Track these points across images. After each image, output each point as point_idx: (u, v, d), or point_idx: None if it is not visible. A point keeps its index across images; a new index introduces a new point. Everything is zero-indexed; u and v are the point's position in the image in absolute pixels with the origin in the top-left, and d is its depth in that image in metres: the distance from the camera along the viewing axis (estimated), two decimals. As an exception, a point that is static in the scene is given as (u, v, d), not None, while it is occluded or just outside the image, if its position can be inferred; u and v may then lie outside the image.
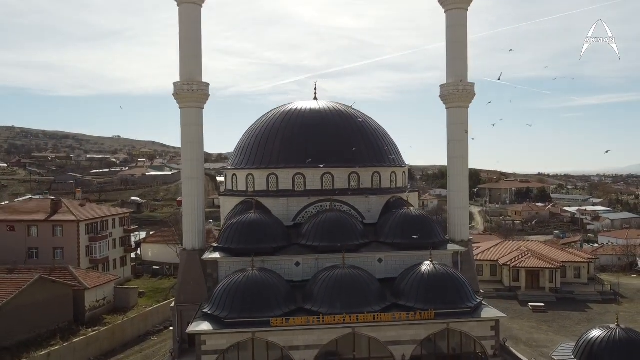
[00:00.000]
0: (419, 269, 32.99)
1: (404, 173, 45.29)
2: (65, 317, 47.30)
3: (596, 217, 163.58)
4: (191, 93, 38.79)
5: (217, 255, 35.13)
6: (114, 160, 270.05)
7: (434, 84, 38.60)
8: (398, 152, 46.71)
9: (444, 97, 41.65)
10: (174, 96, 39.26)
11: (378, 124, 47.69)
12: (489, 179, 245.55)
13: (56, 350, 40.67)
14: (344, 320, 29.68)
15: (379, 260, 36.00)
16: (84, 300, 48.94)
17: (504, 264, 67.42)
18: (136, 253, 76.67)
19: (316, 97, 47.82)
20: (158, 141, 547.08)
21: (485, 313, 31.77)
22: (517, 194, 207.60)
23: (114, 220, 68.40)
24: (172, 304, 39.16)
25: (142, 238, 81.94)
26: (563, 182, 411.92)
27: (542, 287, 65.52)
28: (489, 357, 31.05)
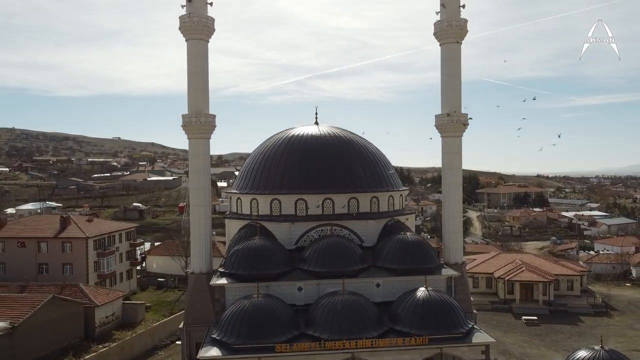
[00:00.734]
0: (415, 295, 35.02)
1: (401, 195, 47.31)
2: (76, 334, 49.29)
3: (593, 223, 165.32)
4: (199, 125, 40.84)
5: (224, 281, 37.15)
6: (115, 164, 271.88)
7: (434, 84, 40.99)
8: (395, 175, 48.87)
9: (438, 127, 43.70)
10: (182, 127, 41.29)
11: (376, 148, 49.81)
12: (487, 183, 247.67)
13: (69, 367, 42.67)
14: (344, 346, 31.68)
15: (377, 285, 38.04)
16: (94, 317, 50.94)
17: (499, 277, 69.48)
18: (141, 265, 78.65)
19: (317, 121, 50.03)
20: (158, 142, 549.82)
21: (477, 338, 33.81)
22: (515, 199, 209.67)
23: (120, 235, 70.46)
24: (178, 319, 41.16)
25: (146, 250, 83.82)
26: (562, 184, 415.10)
27: (536, 300, 67.54)
28: (480, 379, 33.07)
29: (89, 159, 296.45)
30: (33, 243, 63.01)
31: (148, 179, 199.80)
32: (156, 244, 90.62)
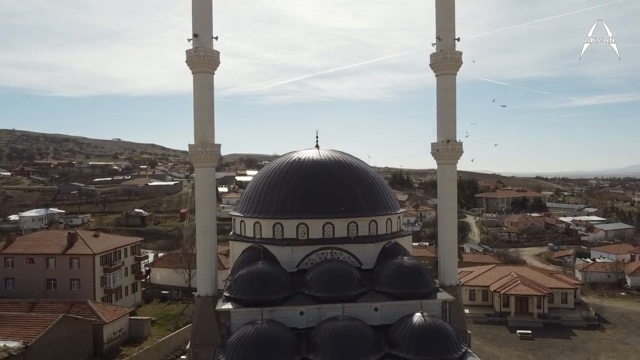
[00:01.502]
0: (411, 321, 36.76)
1: (398, 218, 49.10)
2: (85, 351, 51.07)
3: (590, 228, 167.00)
4: (205, 155, 42.68)
5: (229, 306, 38.90)
6: (116, 167, 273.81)
7: (434, 84, 42.13)
8: (393, 197, 50.72)
9: (435, 155, 45.52)
10: (189, 156, 43.09)
11: (376, 172, 51.71)
12: (485, 187, 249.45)
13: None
14: (343, 371, 33.48)
15: (375, 309, 39.78)
16: (103, 334, 52.72)
17: (494, 290, 71.29)
18: (146, 278, 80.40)
19: (318, 145, 51.89)
20: (158, 144, 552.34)
21: (469, 362, 35.60)
22: (513, 203, 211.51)
23: (125, 249, 72.30)
24: (183, 334, 42.74)
25: (150, 262, 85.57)
26: (561, 186, 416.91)
27: (531, 313, 69.38)
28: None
29: (90, 162, 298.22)
30: (41, 259, 64.90)
31: (149, 183, 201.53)
32: (160, 254, 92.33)
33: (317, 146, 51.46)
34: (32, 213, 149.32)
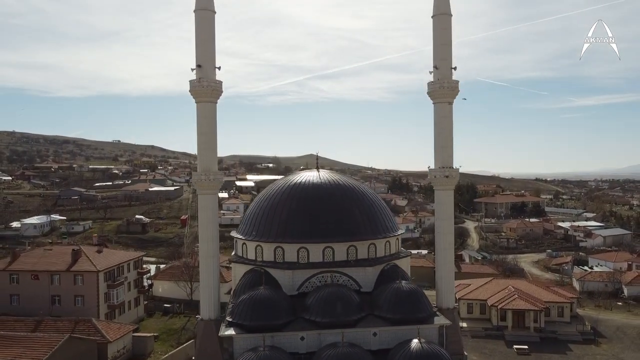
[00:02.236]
0: (408, 347, 37.86)
1: (397, 239, 50.18)
2: (90, 369, 52.10)
3: (588, 234, 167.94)
4: (208, 182, 43.80)
5: (232, 332, 39.96)
6: (117, 172, 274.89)
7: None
8: (392, 218, 51.80)
9: (432, 181, 46.65)
10: (193, 183, 44.17)
11: (375, 194, 52.77)
12: (485, 192, 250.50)
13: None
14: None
15: (374, 334, 40.89)
16: (107, 352, 53.69)
17: (492, 305, 72.34)
18: (148, 292, 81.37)
19: (318, 167, 53.00)
20: (158, 145, 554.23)
21: (465, 388, 36.70)
22: (512, 208, 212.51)
23: (128, 265, 73.34)
24: (185, 350, 43.52)
25: (152, 274, 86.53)
26: (560, 188, 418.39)
27: (528, 327, 70.38)
28: None
29: (90, 166, 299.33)
30: (46, 276, 65.96)
31: (150, 189, 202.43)
32: (161, 266, 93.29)
33: (318, 168, 52.59)
34: (34, 220, 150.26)
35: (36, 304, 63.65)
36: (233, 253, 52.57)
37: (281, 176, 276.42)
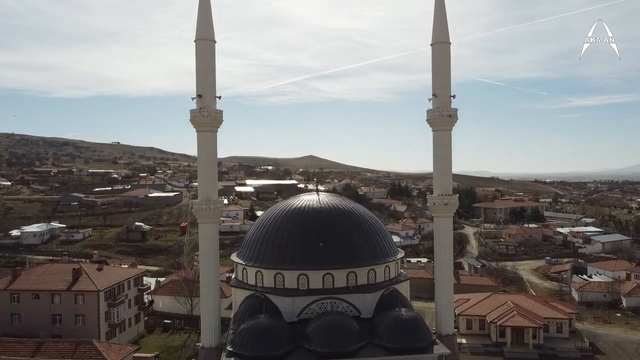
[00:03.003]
0: (408, 379, 38.17)
1: (396, 263, 50.43)
2: (91, 393, 52.31)
3: (587, 240, 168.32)
4: (208, 212, 44.01)
5: (232, 363, 40.20)
6: (116, 176, 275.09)
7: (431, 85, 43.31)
8: (392, 242, 52.08)
9: (431, 208, 46.94)
10: (193, 212, 44.42)
11: (374, 217, 53.00)
12: (484, 196, 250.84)
13: None
14: None
15: (374, 364, 41.13)
16: (108, 375, 53.91)
17: (491, 321, 72.63)
18: (149, 309, 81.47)
19: (317, 190, 53.34)
20: (157, 147, 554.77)
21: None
22: (511, 213, 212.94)
23: (129, 282, 73.53)
24: None
25: (152, 289, 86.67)
26: (559, 190, 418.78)
27: (527, 344, 70.67)
28: None
29: (89, 170, 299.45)
30: (47, 295, 66.15)
31: (149, 195, 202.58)
32: (161, 280, 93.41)
33: (317, 191, 52.89)
34: (34, 228, 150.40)
35: (37, 323, 63.83)
36: (233, 276, 52.85)
37: (280, 181, 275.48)
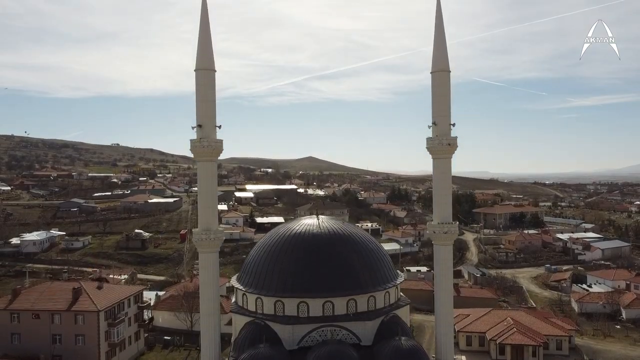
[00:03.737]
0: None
1: (396, 288, 50.46)
2: (91, 417, 52.50)
3: (587, 247, 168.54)
4: (208, 241, 44.05)
5: (232, 395, 40.30)
6: (115, 180, 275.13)
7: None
8: (392, 266, 52.12)
9: (431, 236, 47.02)
10: (194, 241, 44.47)
11: (374, 241, 53.05)
12: (483, 201, 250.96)
13: None
14: None
15: (374, 397, 41.22)
16: (108, 400, 54.11)
17: (491, 339, 72.72)
18: (149, 326, 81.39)
19: (318, 214, 53.33)
20: (157, 149, 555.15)
21: None
22: (511, 219, 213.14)
23: (129, 300, 73.49)
24: None
25: (152, 304, 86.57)
26: (559, 192, 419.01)
27: (526, 361, 70.82)
28: None
29: (89, 174, 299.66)
30: (47, 315, 66.11)
31: (149, 201, 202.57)
32: (160, 293, 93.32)
33: (317, 215, 52.93)
34: (33, 236, 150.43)
35: (37, 343, 63.94)
36: (233, 301, 52.85)
37: (280, 186, 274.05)
